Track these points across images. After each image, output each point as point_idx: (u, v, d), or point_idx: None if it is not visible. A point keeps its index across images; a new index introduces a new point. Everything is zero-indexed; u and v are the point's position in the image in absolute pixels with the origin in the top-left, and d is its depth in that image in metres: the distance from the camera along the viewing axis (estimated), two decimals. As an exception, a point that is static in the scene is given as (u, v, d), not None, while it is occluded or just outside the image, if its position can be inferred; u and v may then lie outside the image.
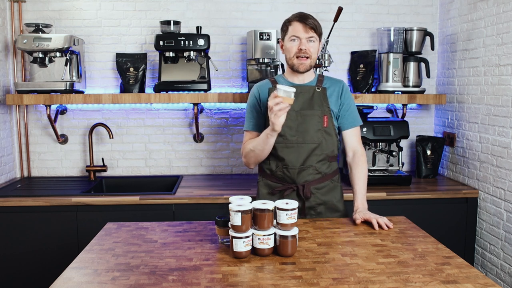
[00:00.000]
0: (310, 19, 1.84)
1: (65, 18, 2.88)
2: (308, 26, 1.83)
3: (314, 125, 1.89)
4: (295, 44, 1.85)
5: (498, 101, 2.40)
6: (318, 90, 1.92)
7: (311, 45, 1.85)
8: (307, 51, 1.84)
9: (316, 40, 1.87)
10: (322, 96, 1.92)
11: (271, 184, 1.99)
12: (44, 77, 2.74)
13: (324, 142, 1.90)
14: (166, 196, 2.43)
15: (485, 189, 2.54)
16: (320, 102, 1.91)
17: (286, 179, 1.94)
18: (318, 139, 1.89)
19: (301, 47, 1.83)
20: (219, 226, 1.51)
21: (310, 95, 1.91)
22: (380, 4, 3.01)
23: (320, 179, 1.94)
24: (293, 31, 1.85)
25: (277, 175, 1.96)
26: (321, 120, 1.90)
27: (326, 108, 1.91)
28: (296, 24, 1.85)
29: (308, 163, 1.91)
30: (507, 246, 2.35)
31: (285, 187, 1.94)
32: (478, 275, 1.30)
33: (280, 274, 1.32)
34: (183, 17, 2.92)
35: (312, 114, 1.89)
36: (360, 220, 1.79)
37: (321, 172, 1.94)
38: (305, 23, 1.83)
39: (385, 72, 2.89)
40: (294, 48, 1.85)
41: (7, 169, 2.82)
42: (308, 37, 1.84)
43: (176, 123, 3.01)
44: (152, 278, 1.29)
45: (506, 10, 2.33)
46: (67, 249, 2.41)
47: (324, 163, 1.94)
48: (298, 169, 1.91)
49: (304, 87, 1.92)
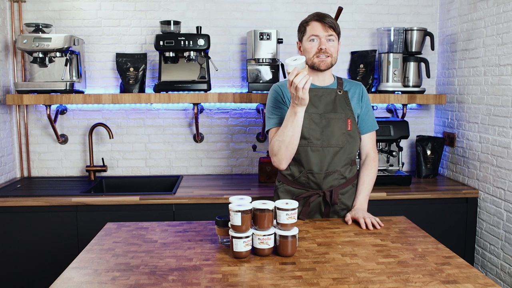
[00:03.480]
0: (328, 17, 1.80)
1: (65, 18, 2.88)
2: (327, 25, 1.78)
3: (338, 128, 1.84)
4: (314, 44, 1.81)
5: (498, 101, 2.40)
6: (340, 93, 1.88)
7: (331, 44, 1.80)
8: (327, 50, 1.80)
9: (336, 39, 1.83)
10: (344, 99, 1.88)
11: (293, 191, 1.91)
12: (44, 77, 2.74)
13: (347, 146, 1.85)
14: (166, 196, 2.43)
15: (485, 189, 2.54)
16: (343, 105, 1.87)
17: (311, 185, 1.88)
18: (342, 142, 1.84)
19: (321, 47, 1.79)
20: (219, 226, 1.51)
21: (332, 98, 1.87)
22: (380, 4, 3.01)
23: (344, 184, 1.89)
24: (311, 30, 1.80)
25: (300, 181, 1.88)
26: (345, 124, 1.85)
27: (349, 111, 1.87)
28: (314, 23, 1.80)
29: (333, 168, 1.85)
30: (507, 246, 2.35)
31: (311, 193, 1.87)
32: (478, 275, 1.30)
33: (280, 274, 1.32)
34: (183, 17, 2.92)
35: (337, 117, 1.84)
36: (351, 220, 1.79)
37: (345, 177, 1.89)
38: (323, 22, 1.78)
39: (385, 72, 2.89)
40: (314, 48, 1.81)
41: (7, 169, 2.82)
42: (327, 35, 1.79)
43: (176, 123, 3.01)
44: (152, 278, 1.29)
45: (506, 10, 2.33)
46: (67, 249, 2.41)
47: (347, 167, 1.89)
48: (324, 174, 1.85)
49: (326, 90, 1.88)
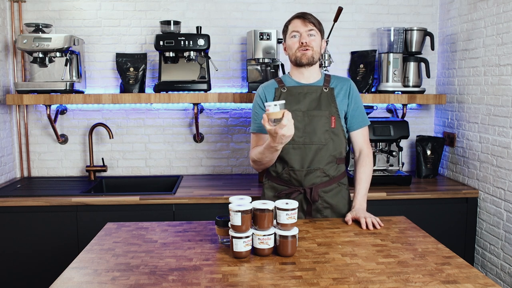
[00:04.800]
0: (310, 15, 1.87)
1: (65, 18, 2.88)
2: (307, 21, 1.85)
3: (321, 126, 1.85)
4: (296, 39, 1.86)
5: (498, 101, 2.40)
6: (325, 91, 1.89)
7: (312, 38, 1.85)
8: (308, 44, 1.84)
9: (317, 34, 1.87)
10: (329, 97, 1.89)
11: (277, 187, 1.95)
12: (44, 77, 2.74)
13: (331, 143, 1.86)
14: (166, 196, 2.43)
15: (485, 189, 2.54)
16: (328, 102, 1.88)
17: (292, 182, 1.90)
18: (325, 140, 1.85)
19: (302, 41, 1.83)
20: (219, 226, 1.51)
21: (317, 95, 1.88)
22: (380, 4, 3.01)
23: (327, 182, 1.90)
24: (293, 27, 1.87)
25: (283, 177, 1.91)
26: (329, 121, 1.86)
27: (333, 108, 1.88)
28: (295, 21, 1.87)
29: (315, 165, 1.86)
30: (507, 246, 2.35)
31: (292, 190, 1.90)
32: (478, 275, 1.30)
33: (280, 274, 1.32)
34: (183, 17, 2.92)
35: (320, 115, 1.86)
36: (351, 220, 1.79)
37: (328, 175, 1.89)
38: (304, 18, 1.85)
39: (385, 72, 2.89)
40: (296, 43, 1.86)
41: (7, 169, 2.82)
42: (307, 30, 1.84)
43: (176, 123, 3.01)
44: (152, 278, 1.29)
45: (506, 10, 2.33)
46: (67, 249, 2.41)
47: (332, 166, 1.90)
48: (306, 172, 1.86)
49: (311, 87, 1.89)
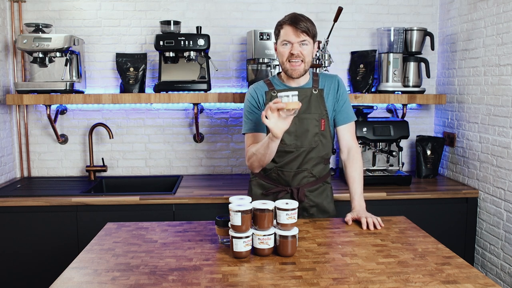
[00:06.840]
0: (302, 22, 1.76)
1: (65, 18, 2.88)
2: (299, 30, 1.75)
3: (312, 129, 1.87)
4: (287, 48, 1.78)
5: (498, 101, 2.40)
6: (315, 92, 1.89)
7: (303, 48, 1.78)
8: (299, 55, 1.78)
9: (310, 43, 1.79)
10: (319, 98, 1.89)
11: (264, 185, 1.98)
12: (44, 77, 2.74)
13: (320, 146, 1.89)
14: (166, 196, 2.43)
15: (485, 189, 2.54)
16: (318, 104, 1.88)
17: (280, 181, 1.94)
18: (315, 143, 1.88)
19: (293, 52, 1.77)
20: (219, 226, 1.51)
21: (307, 98, 1.87)
22: (380, 4, 3.01)
23: (313, 182, 1.94)
24: (284, 35, 1.78)
25: (271, 176, 1.94)
26: (319, 124, 1.87)
27: (323, 110, 1.88)
28: (287, 28, 1.77)
29: (303, 167, 1.90)
30: (507, 246, 2.35)
31: (279, 189, 1.93)
32: (478, 275, 1.30)
33: (280, 274, 1.32)
34: (183, 17, 2.92)
35: (310, 118, 1.86)
36: (352, 220, 1.78)
37: (315, 175, 1.94)
38: (295, 27, 1.75)
39: (385, 72, 2.88)
40: (286, 52, 1.79)
41: (7, 169, 2.82)
42: (300, 41, 1.77)
43: (176, 123, 3.01)
44: (152, 278, 1.29)
45: (506, 10, 2.33)
46: (67, 249, 2.41)
47: (318, 166, 1.93)
48: (294, 172, 1.90)
49: (301, 90, 1.87)
